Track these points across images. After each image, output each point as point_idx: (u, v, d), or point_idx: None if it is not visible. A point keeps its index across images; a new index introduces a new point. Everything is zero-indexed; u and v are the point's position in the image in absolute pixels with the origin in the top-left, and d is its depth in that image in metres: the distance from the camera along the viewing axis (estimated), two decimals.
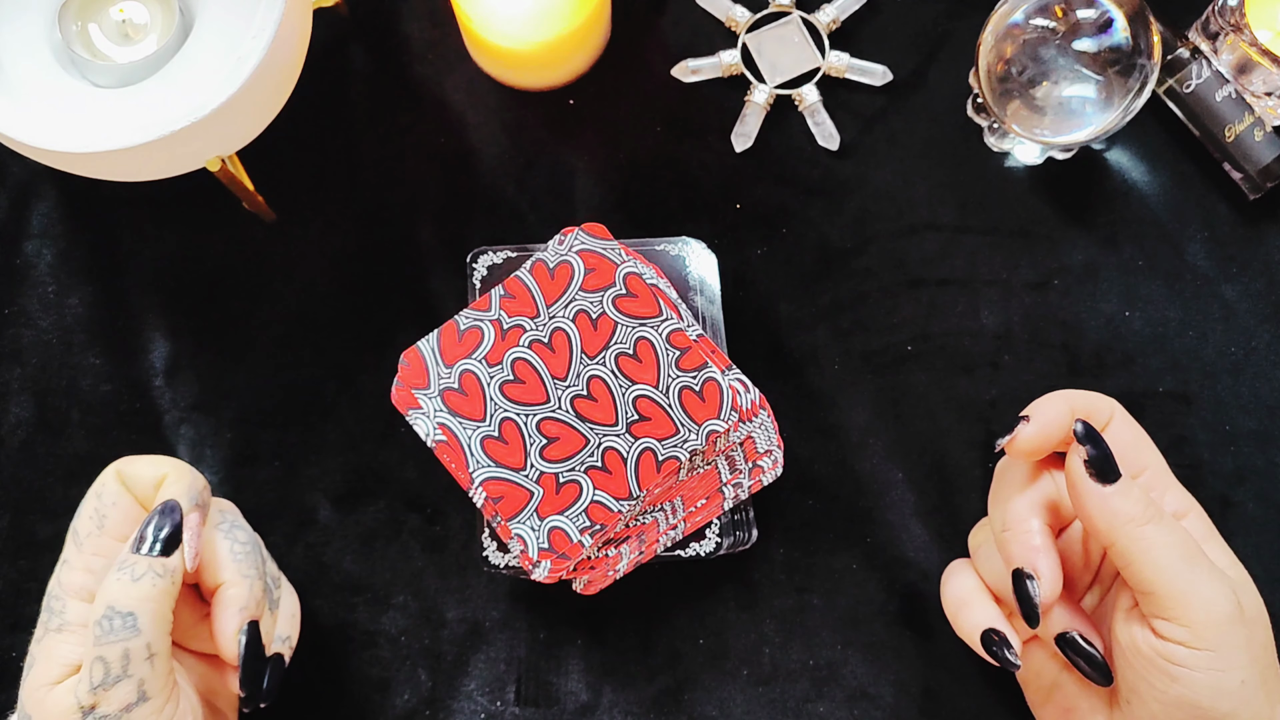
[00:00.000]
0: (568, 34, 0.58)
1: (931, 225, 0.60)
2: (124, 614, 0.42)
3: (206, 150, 0.53)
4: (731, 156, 0.61)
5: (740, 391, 0.52)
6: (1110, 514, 0.42)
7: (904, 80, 0.62)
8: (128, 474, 0.47)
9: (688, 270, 0.57)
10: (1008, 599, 0.46)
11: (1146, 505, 0.43)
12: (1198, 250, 0.60)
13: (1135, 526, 0.42)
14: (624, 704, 0.55)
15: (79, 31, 0.53)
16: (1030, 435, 0.45)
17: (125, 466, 0.47)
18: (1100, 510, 0.43)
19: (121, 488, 0.46)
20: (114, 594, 0.42)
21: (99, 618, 0.42)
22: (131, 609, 0.42)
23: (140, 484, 0.47)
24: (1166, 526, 0.42)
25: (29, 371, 0.59)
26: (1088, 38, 0.55)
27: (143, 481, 0.47)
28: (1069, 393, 0.47)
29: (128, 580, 0.43)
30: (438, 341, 0.54)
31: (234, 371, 0.59)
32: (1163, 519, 0.43)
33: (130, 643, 0.42)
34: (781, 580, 0.56)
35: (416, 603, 0.56)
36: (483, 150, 0.62)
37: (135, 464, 0.47)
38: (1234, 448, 0.57)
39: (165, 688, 0.43)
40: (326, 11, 0.62)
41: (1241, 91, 0.58)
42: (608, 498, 0.51)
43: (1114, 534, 0.42)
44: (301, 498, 0.57)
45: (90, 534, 0.46)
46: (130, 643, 0.42)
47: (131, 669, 0.42)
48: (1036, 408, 0.46)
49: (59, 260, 0.60)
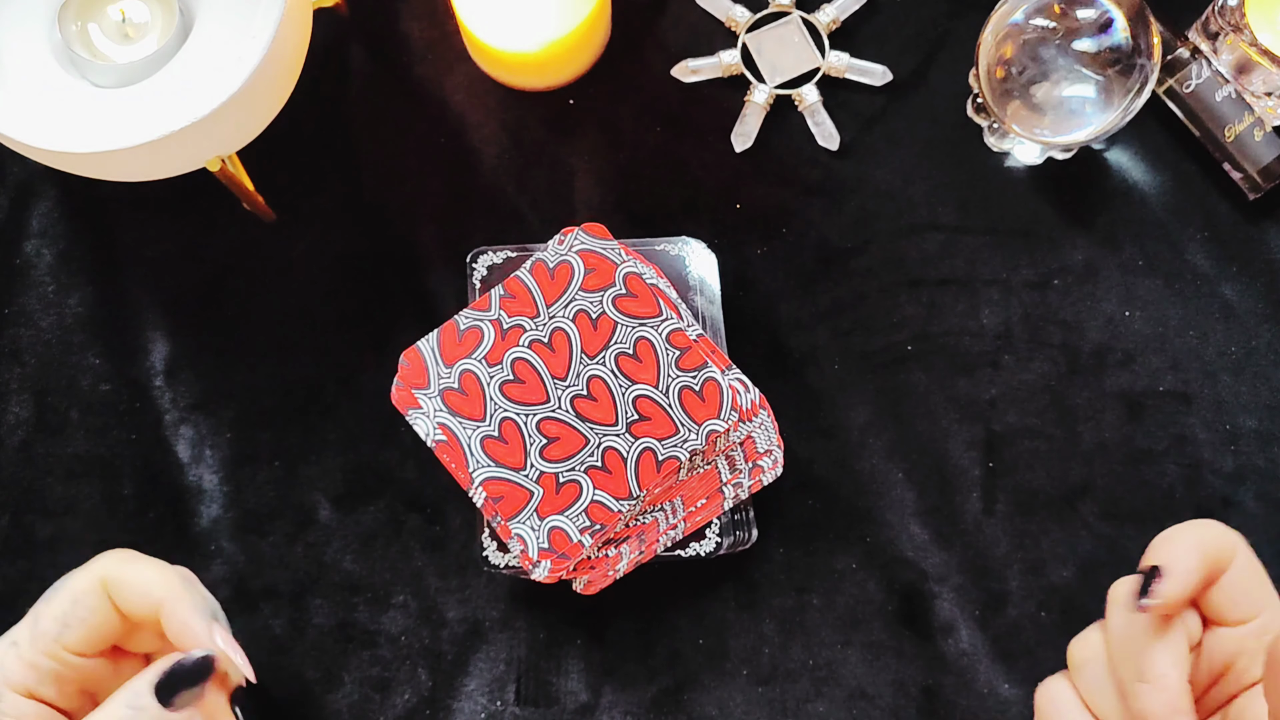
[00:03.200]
0: (567, 38, 0.58)
1: (931, 225, 0.60)
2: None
3: (206, 150, 0.53)
4: (731, 156, 0.61)
5: (740, 391, 0.52)
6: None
7: (904, 80, 0.62)
8: (116, 584, 0.42)
9: (688, 270, 0.57)
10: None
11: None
12: (1198, 250, 0.60)
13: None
14: (624, 704, 0.54)
15: (79, 31, 0.53)
16: (1174, 594, 0.41)
17: (115, 574, 0.42)
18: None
19: (103, 601, 0.42)
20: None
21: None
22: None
23: (130, 600, 0.42)
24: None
25: (29, 371, 0.59)
26: (1088, 38, 0.55)
27: (134, 599, 0.42)
28: (1196, 533, 0.42)
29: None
30: (438, 341, 0.54)
31: (234, 371, 0.59)
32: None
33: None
34: (781, 580, 0.56)
35: (416, 603, 0.56)
36: (483, 150, 0.62)
37: (126, 574, 0.42)
38: (1234, 447, 0.57)
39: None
40: (326, 11, 0.62)
41: (1241, 91, 0.58)
42: (608, 498, 0.51)
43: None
44: (301, 498, 0.57)
45: (48, 634, 0.41)
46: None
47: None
48: (1169, 559, 0.41)
49: (59, 260, 0.60)
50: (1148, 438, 0.57)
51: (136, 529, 0.57)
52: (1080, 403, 0.58)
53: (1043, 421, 0.58)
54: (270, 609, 0.56)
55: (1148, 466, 0.57)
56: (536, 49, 0.58)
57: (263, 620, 0.55)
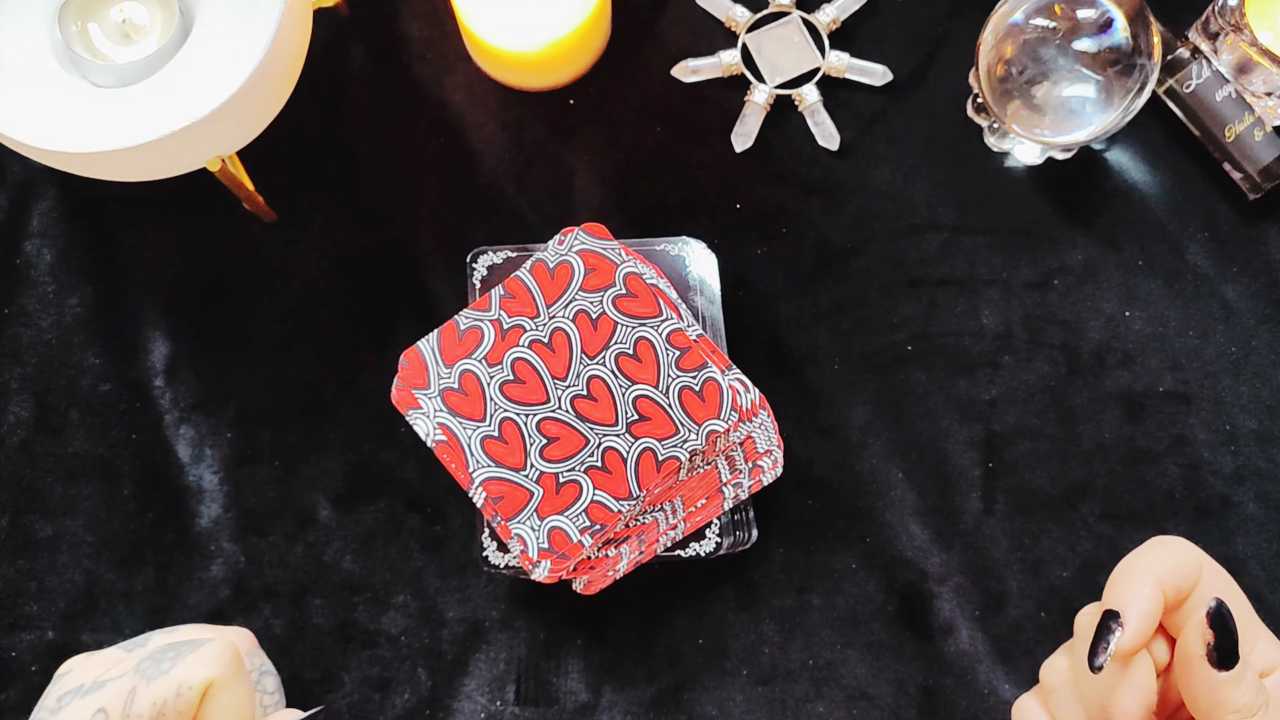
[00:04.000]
0: (568, 38, 0.58)
1: (931, 225, 0.60)
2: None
3: (206, 150, 0.53)
4: (731, 156, 0.61)
5: (740, 391, 0.52)
6: (1218, 703, 0.40)
7: (904, 80, 0.62)
8: (217, 696, 0.41)
9: (688, 270, 0.57)
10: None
11: (1257, 693, 0.40)
12: (1198, 250, 0.60)
13: (1240, 718, 0.39)
14: (624, 704, 0.55)
15: (79, 31, 0.53)
16: (1129, 647, 0.40)
17: (222, 685, 0.41)
18: (1210, 697, 0.40)
19: (199, 698, 0.42)
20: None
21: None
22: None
23: (223, 714, 0.42)
24: (1272, 717, 0.40)
25: (29, 371, 0.59)
26: (1088, 38, 0.55)
27: (226, 716, 0.42)
28: (1150, 563, 0.41)
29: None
30: (438, 341, 0.54)
31: (234, 371, 0.59)
32: (1268, 709, 0.40)
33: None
34: (781, 580, 0.56)
35: (416, 603, 0.56)
36: (483, 150, 0.62)
37: (232, 689, 0.42)
38: (1234, 448, 0.57)
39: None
40: (326, 11, 0.62)
41: (1241, 91, 0.58)
42: (608, 498, 0.51)
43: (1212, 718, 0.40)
44: (301, 497, 0.57)
45: (142, 717, 0.41)
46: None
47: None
48: (1124, 602, 0.40)
49: (59, 260, 0.60)
50: (1148, 438, 0.57)
51: (136, 529, 0.57)
52: (1080, 403, 0.58)
53: (1043, 422, 0.58)
54: (270, 609, 0.56)
55: (1148, 467, 0.57)
56: (537, 49, 0.58)
57: (263, 620, 0.55)
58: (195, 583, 0.56)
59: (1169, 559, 0.42)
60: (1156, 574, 0.41)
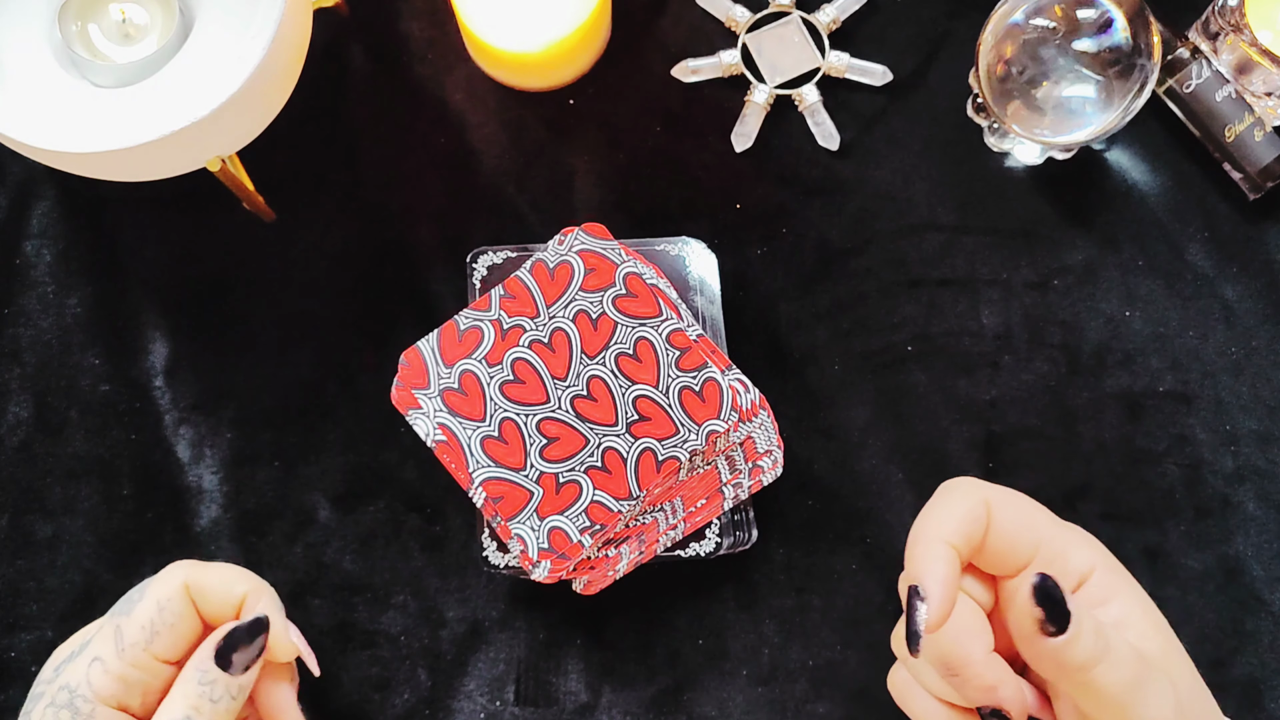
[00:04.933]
0: (568, 38, 0.58)
1: (931, 225, 0.60)
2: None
3: (206, 150, 0.53)
4: (731, 156, 0.61)
5: (740, 391, 0.52)
6: (1061, 664, 0.39)
7: (904, 80, 0.62)
8: (198, 587, 0.43)
9: (688, 270, 0.57)
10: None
11: (1096, 642, 0.39)
12: (1198, 250, 0.60)
13: (1085, 673, 0.39)
14: (623, 704, 0.54)
15: (79, 31, 0.53)
16: (938, 611, 0.40)
17: (196, 577, 0.44)
18: (1051, 663, 0.40)
19: (187, 604, 0.43)
20: (193, 712, 0.41)
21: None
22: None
23: (212, 600, 0.44)
24: (1115, 660, 0.39)
25: (28, 371, 0.59)
26: (1088, 38, 0.55)
27: (215, 598, 0.44)
28: (935, 526, 0.42)
29: (207, 701, 0.41)
30: (438, 341, 0.54)
31: (234, 371, 0.59)
32: (1110, 652, 0.39)
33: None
34: (781, 580, 0.56)
35: (416, 603, 0.56)
36: (483, 150, 0.62)
37: (207, 576, 0.44)
38: (1234, 448, 0.57)
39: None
40: (326, 11, 0.62)
41: (1241, 91, 0.58)
42: (608, 498, 0.51)
43: (1063, 682, 0.40)
44: (301, 497, 0.57)
45: (136, 644, 0.43)
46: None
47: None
48: (921, 574, 0.41)
49: (59, 260, 0.60)
50: (1148, 438, 0.57)
51: (136, 529, 0.57)
52: (1080, 403, 0.58)
53: (1043, 422, 0.58)
54: None
55: (1148, 467, 0.57)
56: (537, 49, 0.58)
57: None
58: None
59: (951, 513, 0.42)
60: (943, 535, 0.42)
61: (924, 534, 0.42)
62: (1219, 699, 0.44)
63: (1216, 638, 0.55)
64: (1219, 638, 0.55)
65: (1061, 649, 0.39)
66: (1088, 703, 0.40)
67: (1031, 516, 0.43)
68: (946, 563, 0.41)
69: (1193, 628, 0.55)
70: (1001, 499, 0.43)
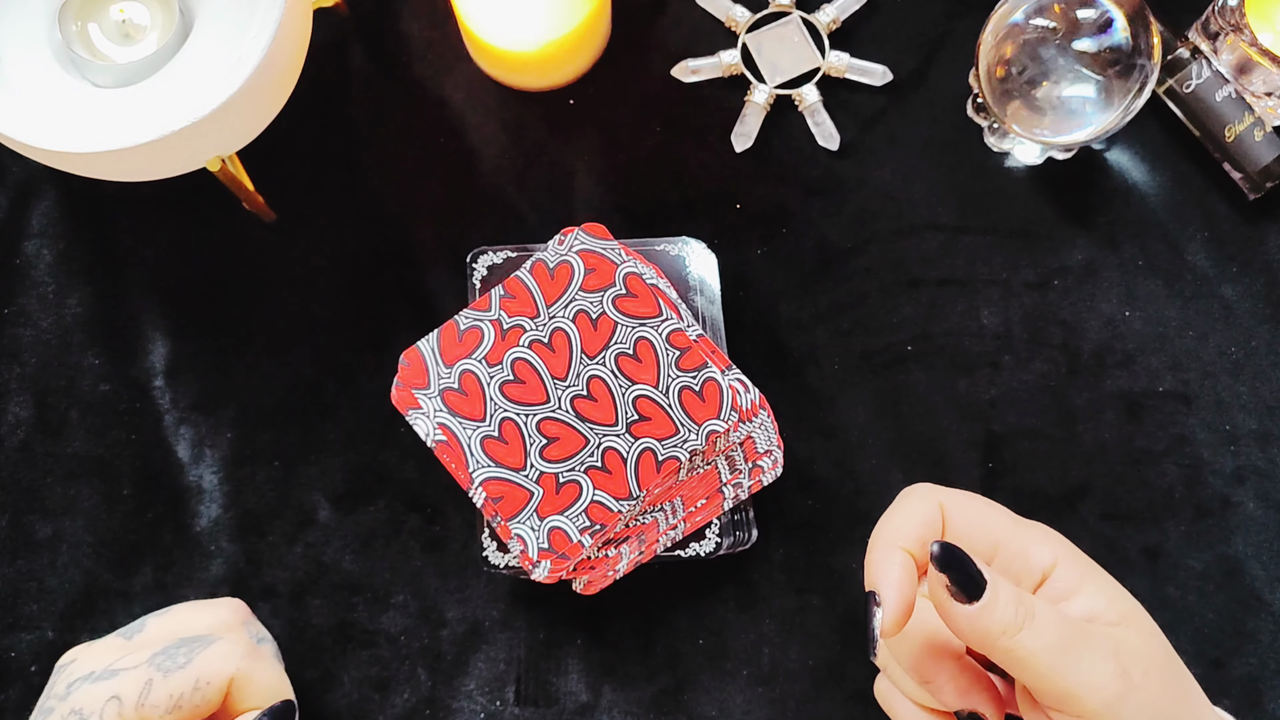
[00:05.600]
0: (567, 37, 0.58)
1: (931, 225, 0.60)
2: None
3: (206, 150, 0.53)
4: (731, 156, 0.61)
5: (740, 391, 0.52)
6: (981, 633, 0.39)
7: (904, 80, 0.62)
8: (242, 683, 0.45)
9: (688, 270, 0.57)
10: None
11: (1017, 608, 0.39)
12: (1198, 250, 0.60)
13: (1009, 639, 0.39)
14: (623, 704, 0.54)
15: (79, 31, 0.53)
16: (893, 616, 0.40)
17: (246, 674, 0.45)
18: (971, 629, 0.40)
19: (223, 694, 0.44)
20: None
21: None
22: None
23: (250, 700, 0.45)
24: (1040, 626, 0.40)
25: (28, 371, 0.59)
26: (1088, 38, 0.55)
27: (254, 699, 0.45)
28: (891, 531, 0.42)
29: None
30: (438, 341, 0.54)
31: (234, 371, 0.59)
32: (1034, 618, 0.40)
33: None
34: (781, 580, 0.56)
35: (416, 603, 0.56)
36: (483, 150, 0.62)
37: (257, 678, 0.45)
38: (1234, 448, 0.57)
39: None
40: (326, 11, 0.62)
41: (1241, 91, 0.58)
42: (608, 498, 0.51)
43: (989, 649, 0.40)
44: (301, 497, 0.57)
45: (158, 707, 0.43)
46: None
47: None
48: (876, 580, 0.41)
49: (59, 260, 0.60)
50: (1148, 438, 0.57)
51: (136, 529, 0.57)
52: (1080, 403, 0.58)
53: (1043, 422, 0.58)
54: (270, 609, 0.56)
55: (1148, 466, 0.57)
56: (537, 49, 0.58)
57: (262, 620, 0.55)
58: (195, 583, 0.56)
59: (906, 518, 0.43)
60: (898, 540, 0.42)
61: (878, 540, 0.42)
62: (1218, 699, 0.44)
63: (1216, 637, 0.55)
64: (1219, 637, 0.55)
65: (978, 616, 0.39)
66: (1022, 675, 0.40)
67: (988, 517, 0.44)
68: (899, 567, 0.41)
69: (1192, 627, 0.55)
70: (956, 501, 0.43)
